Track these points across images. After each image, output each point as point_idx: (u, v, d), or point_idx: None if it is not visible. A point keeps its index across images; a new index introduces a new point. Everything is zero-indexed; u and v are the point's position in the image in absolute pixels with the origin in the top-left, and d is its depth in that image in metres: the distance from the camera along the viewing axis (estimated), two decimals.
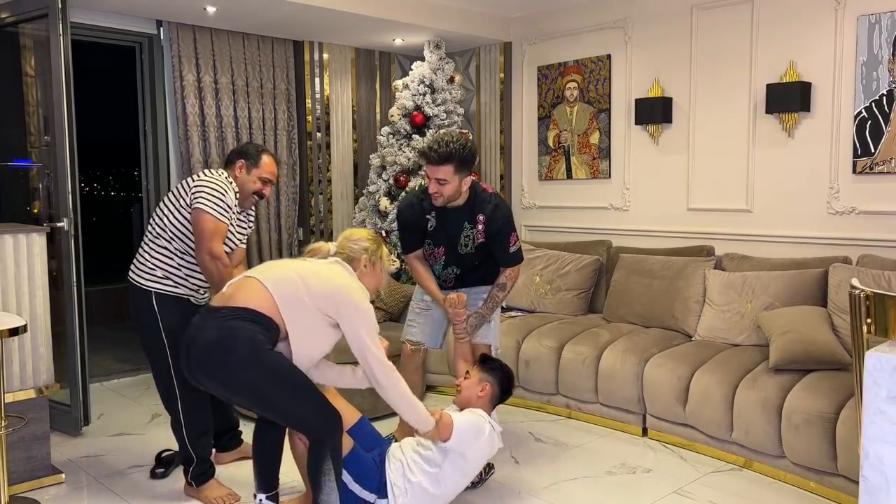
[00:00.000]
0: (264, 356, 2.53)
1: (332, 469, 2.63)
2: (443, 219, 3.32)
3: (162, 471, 3.41)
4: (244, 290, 2.62)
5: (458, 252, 3.36)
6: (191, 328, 2.64)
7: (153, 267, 3.08)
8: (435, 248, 3.39)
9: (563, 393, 4.22)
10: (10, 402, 3.15)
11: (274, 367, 2.55)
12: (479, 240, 3.33)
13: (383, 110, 6.01)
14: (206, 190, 3.03)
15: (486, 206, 3.31)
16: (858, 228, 4.02)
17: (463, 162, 3.15)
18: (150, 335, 3.09)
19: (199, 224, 3.00)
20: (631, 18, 4.95)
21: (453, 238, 3.34)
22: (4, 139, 4.46)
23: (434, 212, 3.32)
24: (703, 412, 3.57)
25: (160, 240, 3.09)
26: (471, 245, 3.35)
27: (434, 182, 3.18)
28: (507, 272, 3.40)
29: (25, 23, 4.16)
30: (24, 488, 3.25)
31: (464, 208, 3.31)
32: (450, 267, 3.42)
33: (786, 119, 4.25)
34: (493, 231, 3.31)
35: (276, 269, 2.74)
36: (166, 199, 3.16)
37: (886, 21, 3.83)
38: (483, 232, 3.31)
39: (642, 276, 4.49)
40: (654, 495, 3.21)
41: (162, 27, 4.87)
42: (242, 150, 3.28)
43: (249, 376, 2.52)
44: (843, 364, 3.37)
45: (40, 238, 3.39)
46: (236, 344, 2.50)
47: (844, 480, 3.03)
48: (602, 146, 5.17)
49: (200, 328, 2.59)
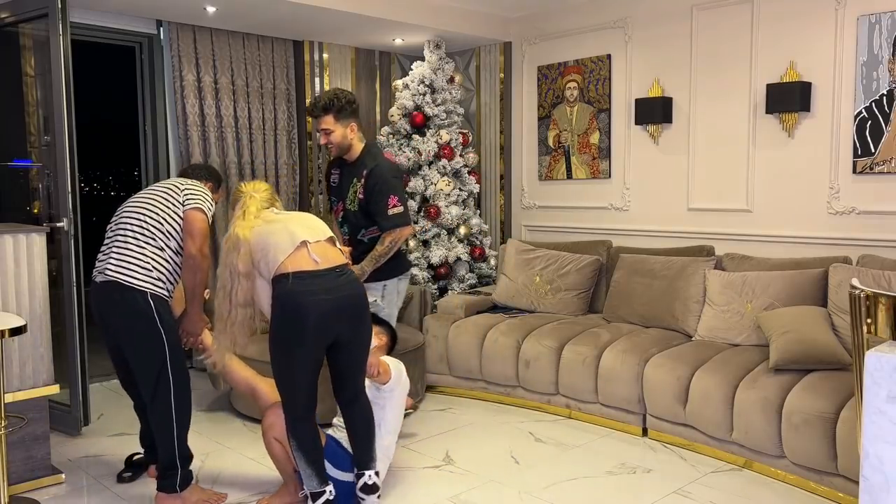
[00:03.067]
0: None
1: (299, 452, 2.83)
2: (342, 174, 3.65)
3: (129, 474, 3.37)
4: (331, 250, 2.89)
5: (348, 209, 3.63)
6: (324, 290, 2.74)
7: (150, 268, 3.00)
8: (337, 204, 3.68)
9: (563, 393, 4.22)
10: (10, 402, 3.15)
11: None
12: (360, 196, 3.56)
13: (383, 110, 6.01)
14: (199, 193, 3.14)
15: (371, 164, 3.57)
16: (858, 228, 4.02)
17: (340, 109, 3.51)
18: (145, 332, 2.98)
19: (196, 223, 3.04)
20: (631, 18, 4.95)
21: (345, 193, 3.63)
22: (4, 139, 4.46)
23: (339, 168, 3.66)
24: (703, 412, 3.57)
25: (156, 241, 3.03)
26: (355, 203, 3.60)
27: (323, 134, 3.54)
28: (387, 236, 3.56)
29: (25, 23, 4.16)
30: (23, 488, 3.25)
31: (356, 163, 3.61)
32: (344, 225, 3.69)
33: (786, 119, 4.25)
34: (370, 186, 3.52)
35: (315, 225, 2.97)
36: (156, 202, 3.07)
37: (886, 21, 3.83)
38: (363, 187, 3.54)
39: (642, 276, 4.49)
40: (654, 495, 3.21)
41: (162, 27, 4.87)
42: (211, 174, 3.47)
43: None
44: (843, 364, 3.37)
45: (40, 238, 3.39)
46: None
47: (844, 480, 3.03)
48: (602, 146, 5.17)
49: (340, 286, 2.80)
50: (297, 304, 2.71)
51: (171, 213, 3.07)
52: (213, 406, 4.20)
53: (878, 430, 1.59)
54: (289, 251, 2.76)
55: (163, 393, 3.00)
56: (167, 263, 3.04)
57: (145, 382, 3.03)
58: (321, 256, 2.80)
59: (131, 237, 3.03)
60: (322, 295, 2.73)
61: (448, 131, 5.29)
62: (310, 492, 2.83)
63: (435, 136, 5.28)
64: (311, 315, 2.70)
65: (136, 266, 3.00)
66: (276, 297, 2.76)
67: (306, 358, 2.76)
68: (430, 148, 5.23)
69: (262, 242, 2.80)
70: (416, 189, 5.23)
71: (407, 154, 5.26)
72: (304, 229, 2.85)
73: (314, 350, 2.77)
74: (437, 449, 3.76)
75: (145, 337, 2.99)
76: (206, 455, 3.67)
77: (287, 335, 2.74)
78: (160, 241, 3.03)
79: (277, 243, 2.79)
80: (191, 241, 3.03)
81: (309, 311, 2.70)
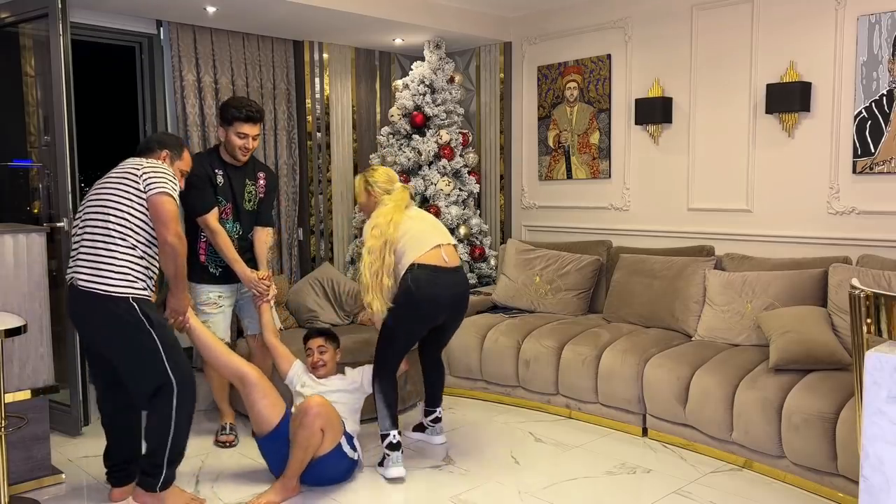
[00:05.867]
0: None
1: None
2: (229, 176, 3.74)
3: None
4: (454, 254, 3.51)
5: (244, 208, 3.78)
6: (445, 285, 3.39)
7: (125, 271, 2.82)
8: (225, 204, 3.74)
9: (563, 393, 4.22)
10: (10, 402, 3.15)
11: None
12: (260, 195, 3.83)
13: (383, 110, 6.01)
14: (160, 175, 2.90)
15: (263, 167, 3.93)
16: (858, 228, 4.02)
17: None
18: (135, 339, 2.82)
19: (164, 207, 2.84)
20: (631, 18, 4.95)
21: (237, 194, 3.76)
22: (4, 139, 4.46)
23: (221, 169, 3.72)
24: (703, 412, 3.57)
25: (127, 239, 2.84)
26: (254, 201, 3.82)
27: (250, 139, 3.69)
28: (268, 237, 3.90)
29: (25, 23, 4.16)
30: (24, 488, 3.25)
31: (246, 166, 3.79)
32: (235, 223, 3.79)
33: (786, 119, 4.25)
34: (271, 186, 3.90)
35: (446, 231, 3.61)
36: (117, 195, 2.87)
37: (886, 21, 3.83)
38: (263, 188, 3.84)
39: (642, 276, 4.49)
40: (654, 495, 3.21)
41: (162, 27, 4.87)
42: (163, 141, 3.16)
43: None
44: (843, 364, 3.37)
45: (40, 238, 3.39)
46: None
47: (844, 480, 3.03)
48: (602, 146, 5.17)
49: (457, 283, 3.48)
50: (425, 292, 3.33)
51: (135, 203, 2.85)
52: (212, 405, 4.19)
53: (878, 430, 1.59)
54: (427, 248, 3.37)
55: (164, 395, 2.84)
56: (141, 261, 2.86)
57: (142, 387, 2.87)
58: (449, 257, 3.44)
59: (99, 240, 2.84)
60: (443, 289, 3.39)
61: (448, 131, 5.29)
62: (381, 433, 3.42)
63: (435, 136, 5.28)
64: (433, 303, 3.38)
65: (110, 272, 2.80)
66: (409, 281, 3.31)
67: (417, 333, 3.52)
68: (430, 148, 5.24)
69: (411, 234, 3.40)
70: (416, 189, 5.23)
71: (407, 154, 5.26)
72: (440, 233, 3.51)
73: (424, 329, 3.51)
74: (437, 449, 3.77)
75: (135, 343, 2.82)
76: (206, 454, 3.67)
77: (410, 313, 3.37)
78: (129, 240, 2.84)
79: (422, 239, 3.40)
80: (163, 228, 2.83)
81: (432, 299, 3.36)
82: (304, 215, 5.61)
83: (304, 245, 5.63)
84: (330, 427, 3.16)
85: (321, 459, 3.18)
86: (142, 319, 2.81)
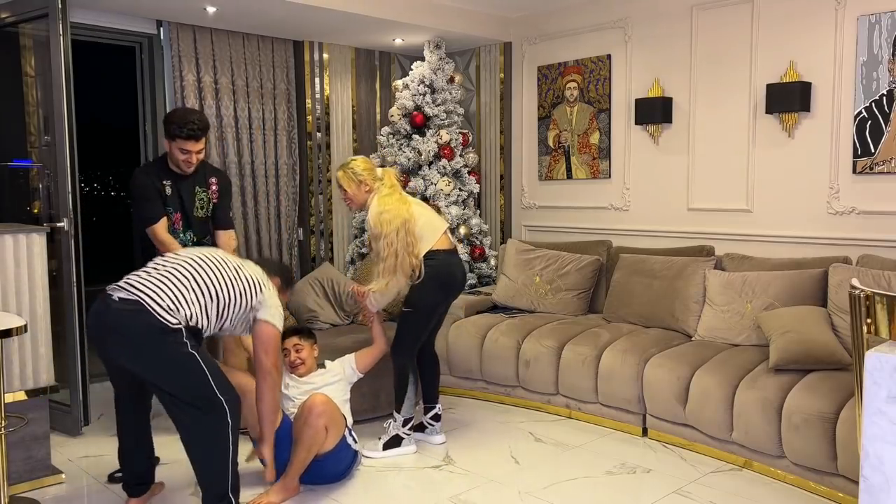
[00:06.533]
0: None
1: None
2: (177, 185, 3.65)
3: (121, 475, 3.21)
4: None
5: (195, 216, 3.72)
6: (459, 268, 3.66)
7: (183, 307, 2.72)
8: (175, 213, 3.67)
9: (563, 393, 4.22)
10: (10, 402, 3.15)
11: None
12: (213, 200, 3.77)
13: (383, 110, 6.01)
14: (277, 306, 2.98)
15: (215, 171, 3.86)
16: (858, 228, 4.02)
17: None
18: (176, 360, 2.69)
19: (273, 336, 2.97)
20: (631, 18, 4.95)
21: (186, 203, 3.68)
22: (4, 139, 4.46)
23: (168, 179, 3.63)
24: (703, 412, 3.57)
25: (210, 301, 2.77)
26: (206, 208, 3.76)
27: (193, 154, 3.56)
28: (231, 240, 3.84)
29: (25, 23, 4.16)
30: (24, 488, 3.25)
31: (196, 174, 3.69)
32: (187, 232, 3.72)
33: (786, 119, 4.25)
34: (223, 191, 3.82)
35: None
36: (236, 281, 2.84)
37: (886, 21, 3.83)
38: (216, 192, 3.78)
39: (642, 276, 4.49)
40: (654, 495, 3.21)
41: (162, 27, 4.87)
42: (285, 271, 3.46)
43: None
44: (843, 364, 3.37)
45: (40, 238, 3.39)
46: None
47: (844, 480, 3.03)
48: (602, 146, 5.17)
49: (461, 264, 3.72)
50: (449, 274, 3.55)
51: (242, 303, 2.84)
52: None
53: (878, 430, 1.59)
54: (440, 233, 3.55)
55: (217, 412, 2.68)
56: (203, 314, 2.75)
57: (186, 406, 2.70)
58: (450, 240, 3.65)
59: (188, 277, 2.75)
60: (458, 269, 3.65)
61: (448, 131, 5.29)
62: (404, 418, 3.61)
63: (435, 136, 5.28)
64: (452, 284, 3.60)
65: (171, 300, 2.68)
66: (431, 267, 3.46)
67: (438, 316, 3.70)
68: (430, 148, 5.24)
69: (425, 218, 3.53)
70: (416, 189, 5.23)
71: (407, 154, 5.26)
72: (440, 217, 3.69)
73: (443, 307, 3.70)
74: (437, 449, 3.77)
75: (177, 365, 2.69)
76: None
77: (435, 296, 3.55)
78: (211, 303, 2.76)
79: (434, 224, 3.57)
80: (265, 356, 2.90)
81: (452, 280, 3.59)
82: (304, 215, 5.61)
83: (304, 245, 5.63)
84: (333, 424, 3.17)
85: (328, 456, 3.19)
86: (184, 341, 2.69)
